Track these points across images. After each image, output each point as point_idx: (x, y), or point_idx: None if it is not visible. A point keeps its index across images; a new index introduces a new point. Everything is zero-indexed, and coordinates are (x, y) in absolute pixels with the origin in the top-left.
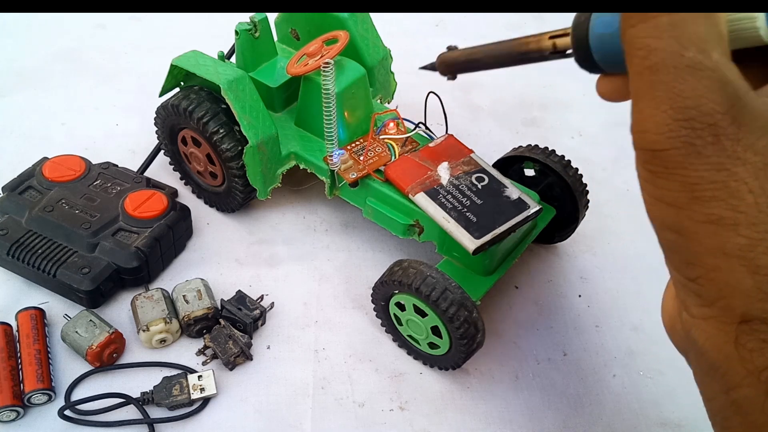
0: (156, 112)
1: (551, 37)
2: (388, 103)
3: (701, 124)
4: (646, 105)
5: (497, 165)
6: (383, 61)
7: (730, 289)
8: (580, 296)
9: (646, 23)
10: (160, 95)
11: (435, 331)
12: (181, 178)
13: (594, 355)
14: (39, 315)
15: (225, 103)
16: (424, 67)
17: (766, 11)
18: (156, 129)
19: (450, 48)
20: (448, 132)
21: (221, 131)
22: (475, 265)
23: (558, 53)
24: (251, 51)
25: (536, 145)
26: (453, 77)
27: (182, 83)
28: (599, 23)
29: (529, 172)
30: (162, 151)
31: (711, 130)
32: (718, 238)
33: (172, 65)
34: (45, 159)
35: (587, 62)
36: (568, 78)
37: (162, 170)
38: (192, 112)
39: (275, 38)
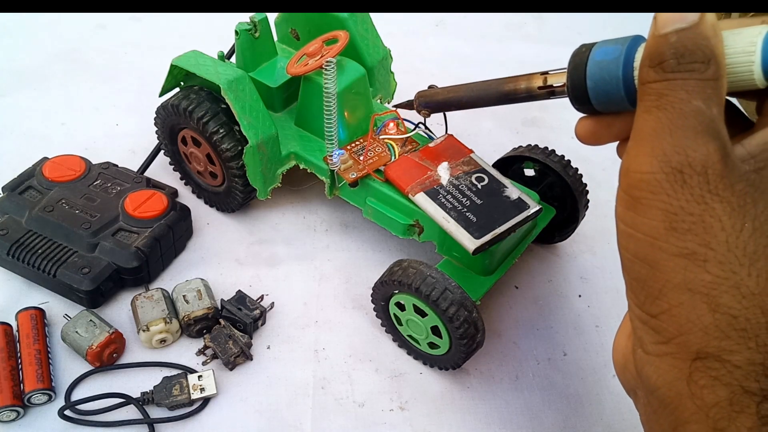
0: (156, 112)
1: (543, 74)
2: (388, 103)
3: (695, 153)
4: (648, 134)
5: (497, 165)
6: (383, 61)
7: (690, 325)
8: (580, 296)
9: (664, 83)
10: (160, 95)
11: (435, 331)
12: (181, 178)
13: (594, 355)
14: (39, 315)
15: (225, 103)
16: (399, 105)
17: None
18: (156, 129)
19: (431, 87)
20: (448, 132)
21: (221, 131)
22: (475, 265)
23: (547, 90)
24: (251, 51)
25: (536, 145)
26: (428, 115)
27: (182, 83)
28: (601, 51)
29: (529, 172)
30: (162, 151)
31: (702, 161)
32: (687, 273)
33: (172, 65)
34: (45, 159)
35: (578, 94)
36: None
37: (162, 170)
38: (192, 112)
39: (275, 38)
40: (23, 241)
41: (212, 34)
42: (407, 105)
